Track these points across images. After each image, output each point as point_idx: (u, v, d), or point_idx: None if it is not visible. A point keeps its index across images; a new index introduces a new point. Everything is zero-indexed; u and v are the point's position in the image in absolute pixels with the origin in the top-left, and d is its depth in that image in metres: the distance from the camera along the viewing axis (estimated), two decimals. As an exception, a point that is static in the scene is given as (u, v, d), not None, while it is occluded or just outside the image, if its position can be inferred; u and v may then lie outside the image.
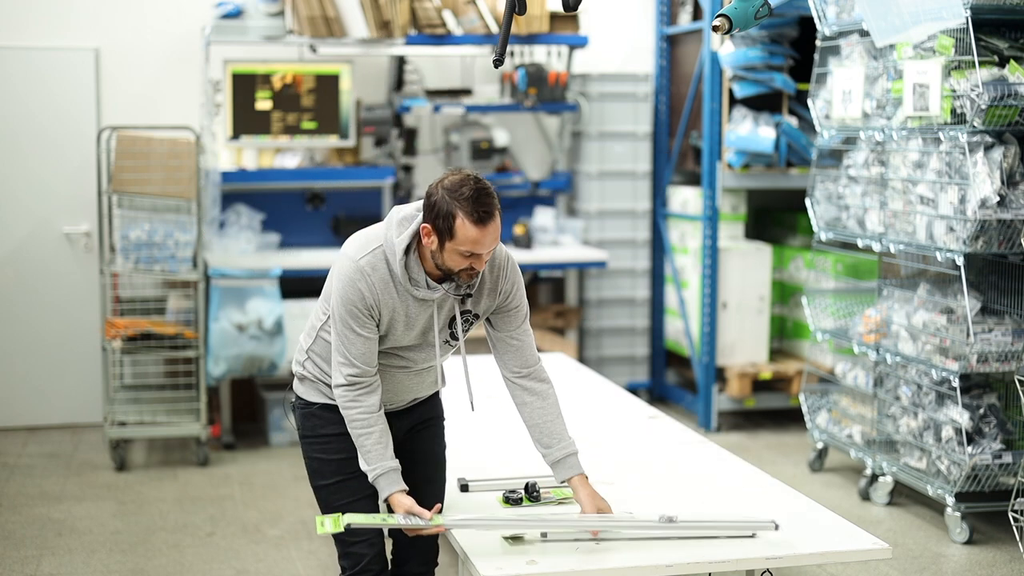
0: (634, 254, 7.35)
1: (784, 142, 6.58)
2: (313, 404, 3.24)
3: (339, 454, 3.19)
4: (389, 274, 3.03)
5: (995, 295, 5.06)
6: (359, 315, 3.03)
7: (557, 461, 3.26)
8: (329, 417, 3.21)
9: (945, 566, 4.69)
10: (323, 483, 3.22)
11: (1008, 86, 4.65)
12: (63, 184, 6.69)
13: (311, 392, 3.25)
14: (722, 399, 6.80)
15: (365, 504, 3.19)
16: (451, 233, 2.93)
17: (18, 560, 4.70)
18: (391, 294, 3.04)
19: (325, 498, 3.23)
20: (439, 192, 2.96)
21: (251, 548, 4.86)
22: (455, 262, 2.98)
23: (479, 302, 3.17)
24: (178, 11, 6.82)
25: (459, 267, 2.99)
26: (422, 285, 3.04)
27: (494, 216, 2.95)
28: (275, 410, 6.41)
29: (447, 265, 2.99)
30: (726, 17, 3.08)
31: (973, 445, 4.84)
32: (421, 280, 3.04)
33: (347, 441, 3.17)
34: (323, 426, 3.22)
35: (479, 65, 7.22)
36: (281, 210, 6.86)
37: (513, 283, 3.19)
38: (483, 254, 2.98)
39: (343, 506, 3.18)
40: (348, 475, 3.19)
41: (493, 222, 2.95)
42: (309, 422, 3.25)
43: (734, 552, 3.07)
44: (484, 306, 3.19)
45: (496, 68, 4.14)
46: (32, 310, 6.71)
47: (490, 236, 2.95)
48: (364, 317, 3.03)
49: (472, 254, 2.96)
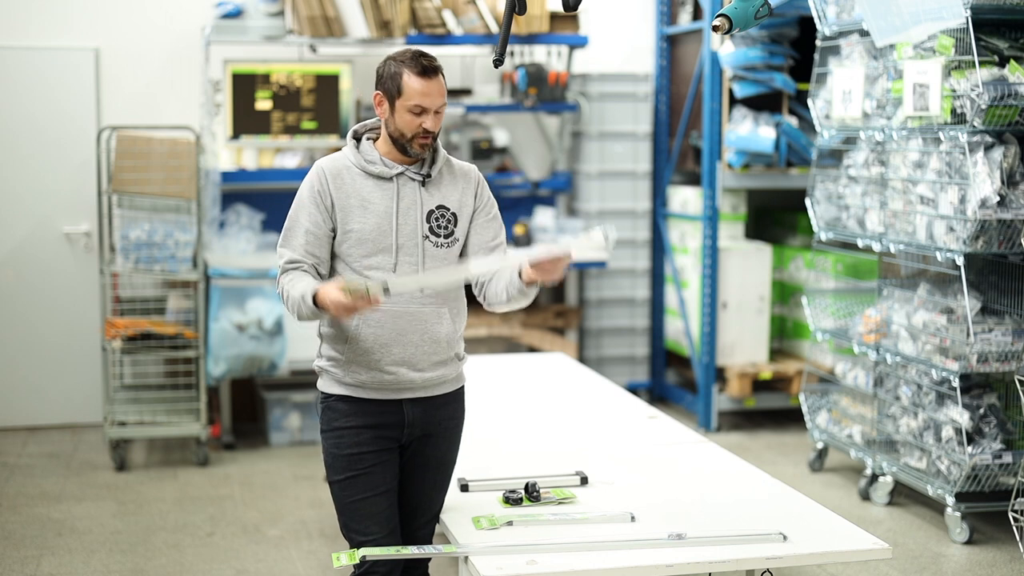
0: (634, 254, 7.35)
1: (784, 142, 6.58)
2: (330, 396, 3.24)
3: (350, 449, 3.19)
4: (345, 161, 3.21)
5: (995, 295, 5.06)
6: (311, 198, 3.19)
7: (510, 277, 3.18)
8: (343, 409, 3.21)
9: (945, 566, 4.69)
10: (336, 479, 3.22)
11: (1008, 86, 4.65)
12: (63, 184, 6.69)
13: (328, 383, 3.25)
14: (722, 399, 6.80)
15: (376, 502, 3.19)
16: (399, 90, 3.11)
17: (18, 560, 4.71)
18: (344, 179, 3.18)
19: (337, 494, 3.22)
20: (385, 62, 3.18)
21: (251, 548, 4.86)
22: (406, 122, 3.12)
23: (449, 195, 3.23)
24: (178, 11, 6.82)
25: (411, 129, 3.13)
26: (377, 163, 3.19)
27: (437, 70, 3.13)
28: (275, 410, 6.41)
29: (400, 129, 3.14)
30: (726, 17, 3.09)
31: (973, 445, 4.84)
32: (376, 158, 3.19)
33: (359, 435, 3.18)
34: (337, 419, 3.22)
35: (479, 65, 7.22)
36: (281, 210, 6.78)
37: (488, 194, 3.32)
38: (431, 110, 3.12)
39: (353, 502, 3.18)
40: (359, 471, 3.18)
41: (436, 76, 3.12)
42: (326, 415, 3.25)
43: (734, 552, 3.07)
44: (457, 201, 3.24)
45: (496, 68, 4.15)
46: (32, 310, 6.71)
47: (435, 87, 3.11)
48: (316, 202, 3.18)
49: (422, 110, 3.11)
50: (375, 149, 3.21)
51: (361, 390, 3.19)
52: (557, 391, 5.04)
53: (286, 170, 6.70)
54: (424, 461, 3.29)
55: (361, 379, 3.18)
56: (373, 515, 3.18)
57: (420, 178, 3.20)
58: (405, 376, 3.18)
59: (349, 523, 3.21)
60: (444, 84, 3.15)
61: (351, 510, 3.19)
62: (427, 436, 3.27)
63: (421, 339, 3.19)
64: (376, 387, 3.19)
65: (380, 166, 3.19)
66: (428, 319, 3.20)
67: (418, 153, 3.17)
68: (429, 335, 3.20)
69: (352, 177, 3.19)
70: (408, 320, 3.17)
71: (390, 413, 3.20)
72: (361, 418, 3.19)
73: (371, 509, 3.18)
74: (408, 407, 3.22)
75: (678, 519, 3.29)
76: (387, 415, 3.20)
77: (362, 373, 3.18)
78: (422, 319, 3.19)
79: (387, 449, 3.21)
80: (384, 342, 3.16)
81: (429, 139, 3.16)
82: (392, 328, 3.16)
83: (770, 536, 3.16)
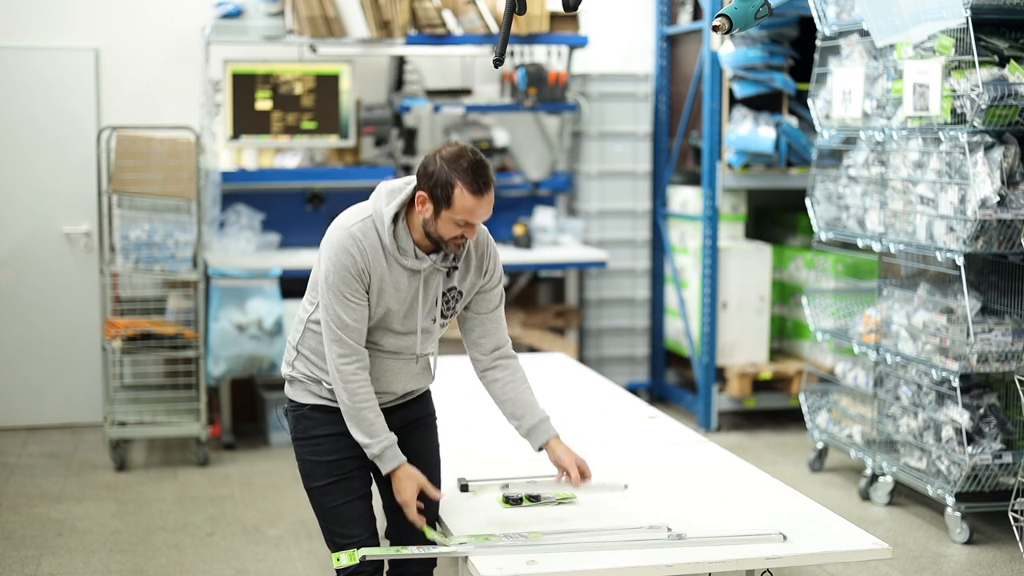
0: (634, 254, 7.35)
1: (784, 142, 6.58)
2: (304, 405, 3.25)
3: (331, 455, 3.20)
4: (379, 241, 3.09)
5: (995, 295, 5.06)
6: (351, 280, 3.06)
7: (531, 428, 3.31)
8: (320, 418, 3.22)
9: (945, 566, 4.69)
10: (316, 485, 3.23)
11: (1008, 86, 4.65)
12: (63, 184, 6.69)
13: (301, 393, 3.26)
14: (722, 399, 6.80)
15: (358, 505, 3.20)
16: (448, 202, 3.01)
17: (18, 560, 4.71)
18: (380, 261, 3.09)
19: (318, 499, 3.23)
20: (437, 162, 3.03)
21: (251, 548, 4.86)
22: (448, 230, 3.05)
23: (464, 278, 3.23)
24: (178, 11, 6.82)
25: (451, 235, 3.06)
26: (410, 254, 3.10)
27: (491, 187, 3.05)
28: (275, 410, 6.41)
29: (439, 233, 3.06)
30: (726, 17, 3.08)
31: (973, 445, 4.84)
32: (409, 249, 3.10)
33: (338, 442, 3.19)
34: (314, 427, 3.23)
35: (479, 65, 7.22)
36: (281, 210, 6.86)
37: (495, 263, 3.29)
38: (476, 224, 3.07)
39: (336, 507, 3.19)
40: (340, 476, 3.20)
41: (490, 193, 3.04)
42: (301, 424, 3.26)
43: (734, 552, 3.07)
44: (469, 283, 3.24)
45: (496, 68, 4.15)
46: (32, 310, 6.71)
47: (485, 206, 3.04)
48: (356, 283, 3.06)
49: (467, 223, 3.05)
50: (410, 238, 3.10)
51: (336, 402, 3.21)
52: (557, 391, 5.04)
53: (286, 170, 6.70)
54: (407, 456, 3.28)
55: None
56: (355, 518, 3.19)
57: (446, 269, 3.18)
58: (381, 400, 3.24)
59: (332, 527, 3.22)
60: (493, 197, 3.07)
61: (334, 515, 3.21)
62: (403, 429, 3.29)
63: (402, 381, 3.27)
64: None
65: (412, 259, 3.10)
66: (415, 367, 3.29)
67: (452, 252, 3.13)
68: (410, 370, 3.27)
69: (387, 261, 3.10)
70: (393, 361, 3.23)
71: None
72: (339, 426, 3.20)
73: (353, 512, 3.19)
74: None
75: (678, 519, 3.28)
76: None
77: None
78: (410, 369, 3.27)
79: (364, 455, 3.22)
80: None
81: (465, 242, 3.11)
82: (377, 367, 3.21)
83: (770, 536, 3.16)
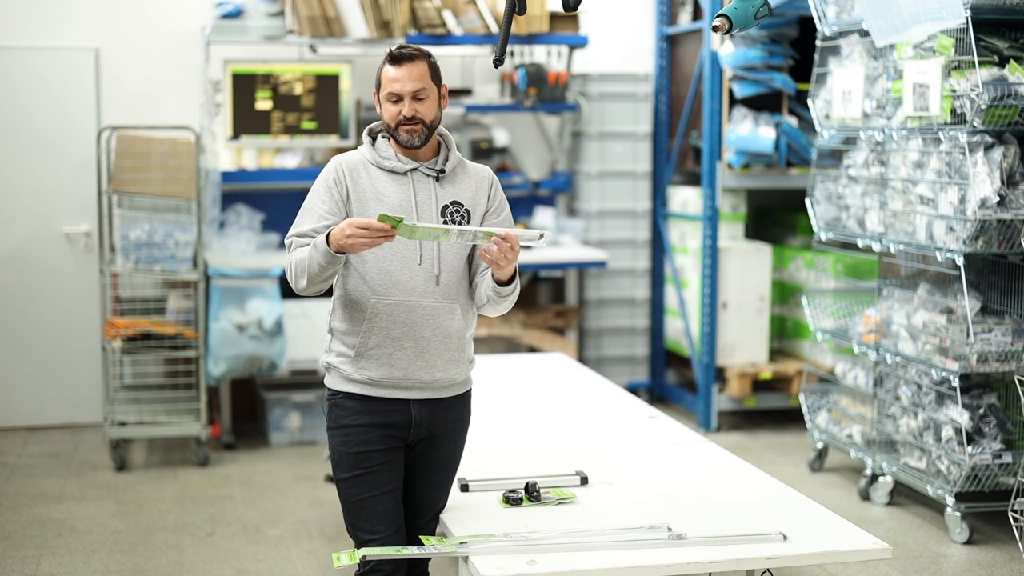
0: (634, 254, 7.35)
1: (784, 142, 6.58)
2: (338, 393, 3.24)
3: (357, 447, 3.19)
4: (362, 159, 3.24)
5: (995, 295, 5.06)
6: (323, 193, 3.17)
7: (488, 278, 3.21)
8: (350, 407, 3.21)
9: (945, 566, 4.69)
10: (342, 476, 3.22)
11: (1008, 86, 4.65)
12: (63, 184, 6.69)
13: (336, 380, 3.25)
14: (722, 399, 6.80)
15: (382, 500, 3.19)
16: (378, 83, 3.19)
17: (18, 560, 4.71)
18: (360, 174, 3.20)
19: (344, 492, 3.22)
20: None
21: (251, 548, 4.86)
22: (388, 113, 3.17)
23: (463, 192, 3.25)
24: (178, 11, 6.82)
25: (393, 118, 3.16)
26: (392, 158, 3.22)
27: (411, 58, 3.14)
28: (275, 410, 6.41)
29: (387, 121, 3.18)
30: (726, 17, 3.09)
31: (973, 445, 4.84)
32: (391, 154, 3.22)
33: (366, 433, 3.18)
34: (344, 416, 3.22)
35: (479, 65, 7.22)
36: (281, 210, 6.85)
37: (501, 196, 3.33)
38: (405, 96, 3.13)
39: (359, 501, 3.18)
40: (367, 469, 3.18)
41: (409, 62, 3.14)
42: (333, 412, 3.25)
43: (734, 552, 3.07)
44: (471, 198, 3.25)
45: (496, 68, 4.16)
46: (32, 310, 6.71)
47: (404, 72, 3.13)
48: (327, 195, 3.17)
49: (397, 97, 3.13)
50: (390, 146, 3.24)
51: (370, 387, 3.19)
52: (557, 391, 5.05)
53: (286, 170, 6.70)
54: (428, 462, 3.29)
55: (371, 376, 3.18)
56: (379, 513, 3.18)
57: (434, 173, 3.22)
58: (415, 374, 3.19)
59: (355, 521, 3.21)
60: (425, 70, 3.16)
61: (358, 508, 3.19)
62: (432, 437, 3.27)
63: (433, 334, 3.19)
64: (385, 384, 3.19)
65: (395, 161, 3.21)
66: (440, 313, 3.20)
67: (407, 141, 3.18)
68: (441, 330, 3.20)
69: (368, 172, 3.21)
70: (420, 314, 3.18)
71: (398, 413, 3.21)
72: (369, 416, 3.19)
73: (378, 508, 3.18)
74: (416, 408, 3.22)
75: (678, 519, 3.29)
76: (395, 415, 3.20)
77: (372, 369, 3.18)
78: (434, 313, 3.19)
79: (394, 448, 3.21)
80: (396, 336, 3.17)
81: (414, 126, 3.16)
82: (404, 322, 3.17)
83: (770, 536, 3.16)
